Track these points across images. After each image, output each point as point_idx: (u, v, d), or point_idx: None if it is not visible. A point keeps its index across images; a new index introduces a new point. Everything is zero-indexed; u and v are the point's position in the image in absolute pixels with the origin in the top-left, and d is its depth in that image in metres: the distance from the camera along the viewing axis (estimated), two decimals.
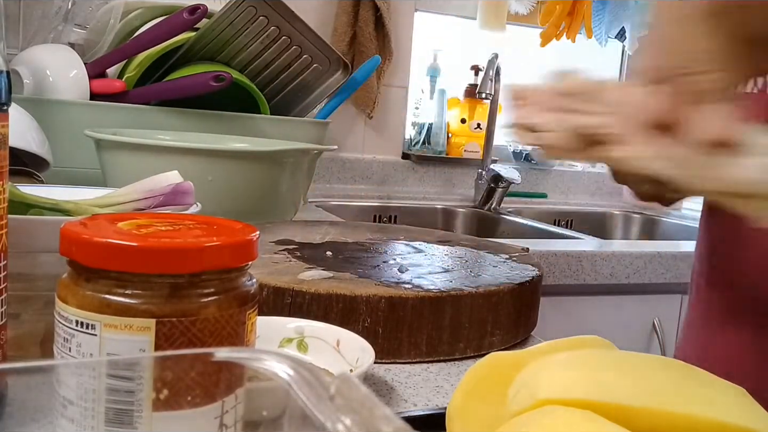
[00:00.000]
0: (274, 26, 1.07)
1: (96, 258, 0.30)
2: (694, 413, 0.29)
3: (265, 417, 0.28)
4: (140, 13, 1.10)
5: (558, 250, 1.23)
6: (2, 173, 0.37)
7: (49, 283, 0.33)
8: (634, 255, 1.27)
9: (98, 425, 0.28)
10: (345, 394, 0.21)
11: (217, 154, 0.82)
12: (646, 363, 0.31)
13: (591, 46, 2.07)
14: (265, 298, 0.55)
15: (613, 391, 0.29)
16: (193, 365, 0.27)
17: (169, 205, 0.54)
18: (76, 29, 1.20)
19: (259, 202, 0.84)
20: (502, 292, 0.59)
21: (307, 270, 0.60)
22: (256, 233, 0.34)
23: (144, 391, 0.27)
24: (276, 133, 1.07)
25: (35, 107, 0.92)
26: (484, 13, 1.93)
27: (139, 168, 0.72)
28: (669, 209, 0.63)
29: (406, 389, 0.50)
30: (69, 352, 0.31)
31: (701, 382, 0.31)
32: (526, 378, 0.32)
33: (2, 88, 0.37)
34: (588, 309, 1.28)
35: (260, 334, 0.39)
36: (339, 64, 1.16)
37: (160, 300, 0.30)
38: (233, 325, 0.32)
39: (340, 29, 1.75)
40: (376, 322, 0.54)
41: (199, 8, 1.01)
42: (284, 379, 0.23)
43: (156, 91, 1.05)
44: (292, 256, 0.66)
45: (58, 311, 0.31)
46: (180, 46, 1.06)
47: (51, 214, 0.51)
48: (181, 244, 0.31)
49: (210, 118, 1.04)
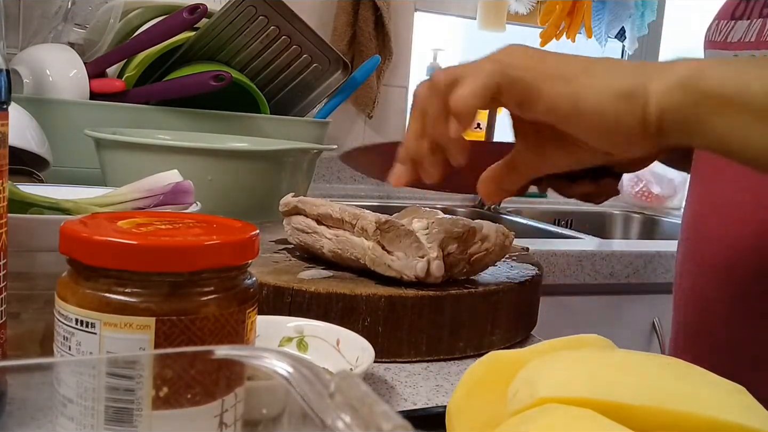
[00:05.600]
0: (274, 26, 1.07)
1: (96, 256, 0.30)
2: (693, 412, 0.29)
3: (265, 415, 0.28)
4: (140, 12, 1.10)
5: (558, 249, 1.22)
6: (2, 172, 0.37)
7: (49, 281, 0.33)
8: (634, 255, 1.27)
9: (98, 423, 0.28)
10: (345, 392, 0.21)
11: (217, 153, 0.82)
12: (645, 362, 0.31)
13: (591, 46, 2.07)
14: (265, 297, 0.55)
15: (613, 390, 0.29)
16: (192, 363, 0.27)
17: (169, 204, 0.54)
18: (75, 29, 1.19)
19: (259, 201, 0.84)
20: (502, 292, 0.59)
21: (307, 269, 0.60)
22: (255, 232, 0.34)
23: (144, 389, 0.27)
24: (276, 133, 1.07)
25: (35, 107, 0.92)
26: (484, 13, 1.93)
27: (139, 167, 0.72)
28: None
29: (405, 388, 0.50)
30: (69, 351, 0.31)
31: (701, 381, 0.31)
32: (525, 377, 0.32)
33: (2, 87, 0.37)
34: (588, 309, 1.28)
35: (260, 333, 0.39)
36: (339, 64, 1.16)
37: (160, 298, 0.30)
38: (233, 323, 0.32)
39: (340, 29, 1.75)
40: (376, 322, 0.54)
41: (198, 8, 1.01)
42: (284, 377, 0.23)
43: (156, 91, 1.05)
44: (292, 255, 0.66)
45: (58, 310, 0.31)
46: (180, 46, 1.06)
47: (51, 213, 0.51)
48: (180, 242, 0.31)
49: (210, 117, 1.04)
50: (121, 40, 1.09)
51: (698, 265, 0.70)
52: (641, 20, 2.05)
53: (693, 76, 0.44)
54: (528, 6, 1.98)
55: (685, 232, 0.73)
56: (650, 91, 0.45)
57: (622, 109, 0.45)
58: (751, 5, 0.66)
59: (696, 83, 0.44)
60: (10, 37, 1.28)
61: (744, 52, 0.65)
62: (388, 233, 0.55)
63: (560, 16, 1.95)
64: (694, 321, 0.71)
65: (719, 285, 0.67)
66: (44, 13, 1.23)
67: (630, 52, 2.14)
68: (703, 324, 0.70)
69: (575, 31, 1.99)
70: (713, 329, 0.68)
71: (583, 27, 1.99)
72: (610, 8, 2.02)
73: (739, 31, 0.66)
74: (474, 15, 1.95)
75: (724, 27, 0.68)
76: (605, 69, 0.46)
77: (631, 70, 0.46)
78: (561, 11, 1.95)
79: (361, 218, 0.56)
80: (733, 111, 0.44)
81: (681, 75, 0.45)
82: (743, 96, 0.43)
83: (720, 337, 0.67)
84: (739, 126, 0.44)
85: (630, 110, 0.45)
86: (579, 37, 2.01)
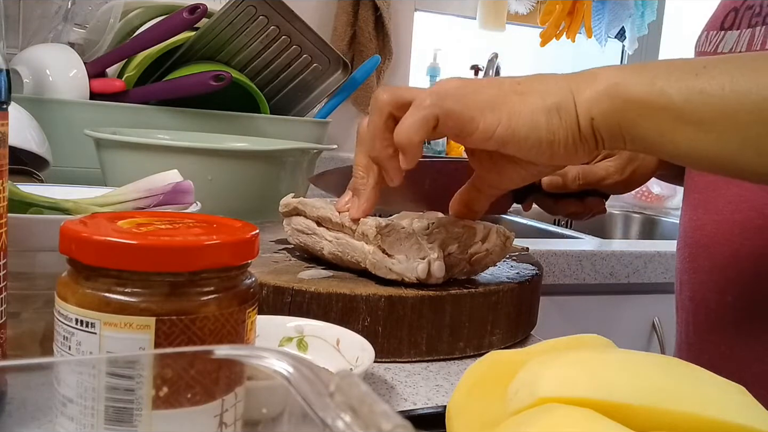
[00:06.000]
0: (274, 26, 1.07)
1: (96, 256, 0.30)
2: (694, 412, 0.29)
3: (265, 415, 0.28)
4: (140, 12, 1.10)
5: (558, 249, 1.22)
6: (2, 172, 0.37)
7: (49, 281, 0.33)
8: (634, 255, 1.27)
9: (98, 423, 0.28)
10: (345, 391, 0.21)
11: (217, 153, 0.82)
12: (646, 361, 0.31)
13: (591, 46, 2.07)
14: (265, 297, 0.55)
15: (613, 390, 0.29)
16: (192, 363, 0.27)
17: (169, 204, 0.54)
18: (75, 29, 1.19)
19: (258, 201, 0.84)
20: (502, 292, 0.59)
21: (307, 269, 0.60)
22: (255, 232, 0.34)
23: (144, 389, 0.27)
24: (276, 133, 1.07)
25: (35, 106, 0.92)
26: (483, 12, 1.93)
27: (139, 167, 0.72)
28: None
29: (405, 388, 0.50)
30: (69, 351, 0.31)
31: (701, 381, 0.31)
32: (526, 376, 0.32)
33: (2, 87, 0.37)
34: (588, 309, 1.28)
35: (260, 333, 0.39)
36: (339, 64, 1.16)
37: (160, 298, 0.30)
38: (233, 323, 0.32)
39: (340, 29, 1.75)
40: (376, 322, 0.54)
41: (198, 8, 1.01)
42: (284, 377, 0.23)
43: (156, 91, 1.05)
44: (292, 255, 0.66)
45: (58, 310, 0.31)
46: (180, 46, 1.06)
47: (51, 213, 0.51)
48: (180, 242, 0.31)
49: (210, 117, 1.04)
50: (121, 40, 1.09)
51: (697, 273, 0.70)
52: (641, 20, 2.05)
53: (617, 84, 0.46)
54: (528, 6, 1.98)
55: (682, 240, 0.74)
56: (578, 102, 0.46)
57: (555, 124, 0.47)
58: (740, 16, 0.66)
59: (619, 90, 0.45)
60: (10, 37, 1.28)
61: None
62: (389, 237, 0.55)
63: (560, 16, 1.95)
64: (698, 331, 0.71)
65: (720, 294, 0.67)
66: (44, 13, 1.23)
67: (630, 52, 2.14)
68: (707, 334, 0.70)
69: (575, 31, 1.99)
70: (717, 340, 0.68)
71: (583, 27, 1.99)
72: (610, 8, 2.02)
73: (729, 41, 0.66)
74: (474, 15, 1.95)
75: (714, 37, 0.68)
76: (534, 88, 0.48)
77: (558, 85, 0.47)
78: (561, 11, 1.95)
79: (361, 223, 0.56)
80: (656, 116, 0.45)
81: (606, 83, 0.46)
82: (661, 101, 0.44)
83: (723, 349, 0.67)
84: (666, 130, 0.45)
85: (562, 124, 0.46)
86: (579, 37, 2.01)
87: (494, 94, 0.48)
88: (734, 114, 0.43)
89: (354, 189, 0.56)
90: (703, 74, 0.44)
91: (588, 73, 0.47)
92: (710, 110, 0.43)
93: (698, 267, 0.70)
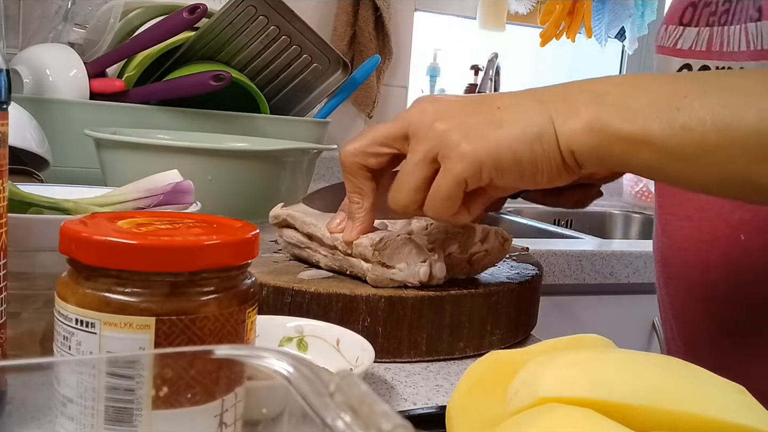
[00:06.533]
0: (274, 26, 1.07)
1: (96, 256, 0.30)
2: (694, 411, 0.29)
3: (265, 415, 0.28)
4: (140, 12, 1.10)
5: (558, 249, 1.22)
6: (2, 172, 0.37)
7: (49, 281, 0.33)
8: (634, 255, 1.27)
9: (98, 423, 0.28)
10: (345, 391, 0.21)
11: (217, 153, 0.82)
12: (646, 361, 0.31)
13: (591, 46, 2.07)
14: (265, 297, 0.55)
15: (613, 390, 0.29)
16: (192, 363, 0.27)
17: (169, 204, 0.54)
18: (75, 29, 1.19)
19: (258, 201, 0.84)
20: (502, 292, 0.59)
21: (307, 269, 0.60)
22: (255, 232, 0.34)
23: (144, 389, 0.27)
24: (276, 133, 1.07)
25: (35, 106, 0.92)
26: (483, 12, 1.93)
27: (139, 167, 0.72)
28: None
29: (405, 388, 0.50)
30: (69, 351, 0.31)
31: (701, 381, 0.31)
32: (526, 376, 0.32)
33: (2, 86, 0.37)
34: (588, 309, 1.28)
35: (260, 333, 0.39)
36: (339, 64, 1.16)
37: (160, 298, 0.30)
38: (233, 323, 0.32)
39: (340, 29, 1.75)
40: (376, 322, 0.54)
41: (198, 8, 1.01)
42: (284, 377, 0.23)
43: (156, 91, 1.05)
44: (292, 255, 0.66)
45: (58, 309, 0.31)
46: (180, 46, 1.06)
47: (51, 213, 0.51)
48: (180, 242, 0.31)
49: (210, 117, 1.04)
50: (121, 40, 1.09)
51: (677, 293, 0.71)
52: (641, 20, 2.05)
53: (599, 119, 0.45)
54: (528, 6, 1.98)
55: (659, 265, 0.74)
56: (559, 132, 0.46)
57: (538, 153, 0.46)
58: (699, 12, 0.66)
59: (603, 124, 0.45)
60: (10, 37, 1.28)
61: (696, 61, 0.65)
62: (386, 249, 0.55)
63: (560, 16, 1.95)
64: (683, 350, 0.72)
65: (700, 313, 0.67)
66: (44, 13, 1.23)
67: (630, 52, 2.14)
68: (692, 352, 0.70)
69: (575, 31, 1.99)
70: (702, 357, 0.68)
71: (583, 27, 1.99)
72: (610, 8, 2.02)
73: (688, 38, 0.66)
74: (474, 15, 1.95)
75: (673, 32, 0.68)
76: (511, 115, 0.47)
77: (536, 110, 0.47)
78: (561, 11, 1.95)
79: (355, 245, 0.55)
80: (640, 152, 0.45)
81: (587, 118, 0.45)
82: (643, 137, 0.44)
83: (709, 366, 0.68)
84: (651, 164, 0.45)
85: (544, 153, 0.46)
86: (579, 37, 2.01)
87: (471, 123, 0.47)
88: (716, 150, 0.43)
89: (349, 213, 0.55)
90: (684, 108, 0.43)
91: (569, 100, 0.46)
92: (692, 147, 0.43)
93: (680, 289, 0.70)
